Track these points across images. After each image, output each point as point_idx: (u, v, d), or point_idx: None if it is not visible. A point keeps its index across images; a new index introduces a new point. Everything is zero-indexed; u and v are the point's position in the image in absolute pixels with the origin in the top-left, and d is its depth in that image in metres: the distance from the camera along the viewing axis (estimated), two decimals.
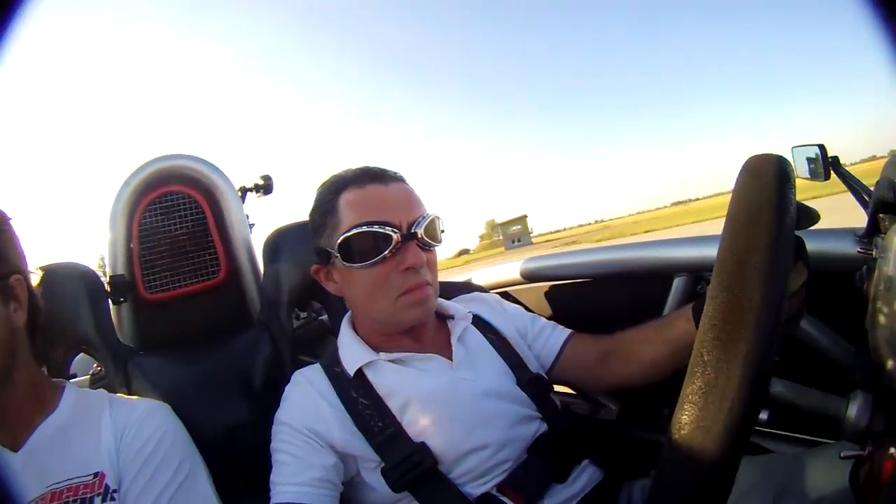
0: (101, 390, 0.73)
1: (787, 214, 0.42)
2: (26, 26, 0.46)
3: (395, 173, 0.74)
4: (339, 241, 0.69)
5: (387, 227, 0.68)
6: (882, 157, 0.74)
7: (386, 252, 0.68)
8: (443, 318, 0.81)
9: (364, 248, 0.68)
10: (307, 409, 0.71)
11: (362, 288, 0.71)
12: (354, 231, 0.68)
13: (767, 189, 0.42)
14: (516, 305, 0.92)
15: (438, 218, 0.74)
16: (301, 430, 0.69)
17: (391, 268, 0.69)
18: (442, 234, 0.75)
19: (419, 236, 0.70)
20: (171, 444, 0.67)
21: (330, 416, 0.70)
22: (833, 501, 0.55)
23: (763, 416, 0.45)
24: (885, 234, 0.50)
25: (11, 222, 0.64)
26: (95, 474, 0.61)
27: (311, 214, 0.76)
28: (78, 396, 0.68)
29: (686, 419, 0.37)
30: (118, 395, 0.73)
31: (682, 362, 0.40)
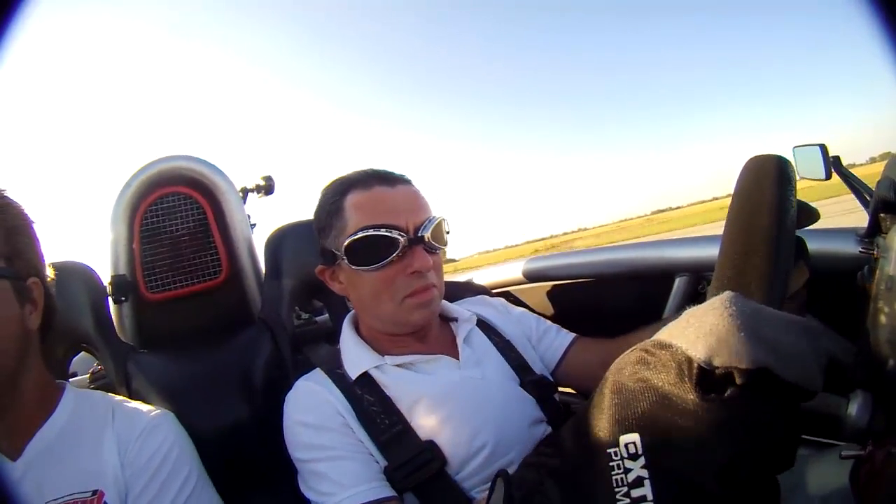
0: (103, 393, 0.72)
1: (787, 214, 0.42)
2: (27, 25, 0.46)
3: (402, 175, 0.74)
4: (345, 243, 0.69)
5: (393, 231, 0.68)
6: (860, 165, 0.74)
7: (392, 256, 0.68)
8: (447, 320, 0.81)
9: (370, 251, 0.68)
10: (316, 403, 0.69)
11: (368, 290, 0.71)
12: (360, 234, 0.68)
13: (768, 189, 0.42)
14: (522, 308, 0.92)
15: (444, 220, 0.74)
16: (324, 425, 0.67)
17: (397, 271, 0.69)
18: (448, 236, 0.75)
19: (426, 240, 0.70)
20: (178, 456, 0.65)
21: (340, 408, 0.68)
22: (839, 501, 0.55)
23: None
24: (887, 233, 0.50)
25: (35, 225, 0.64)
26: (94, 492, 0.59)
27: (316, 215, 0.76)
28: (78, 399, 0.66)
29: None
30: (121, 400, 0.71)
31: None
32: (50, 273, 0.66)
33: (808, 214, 0.49)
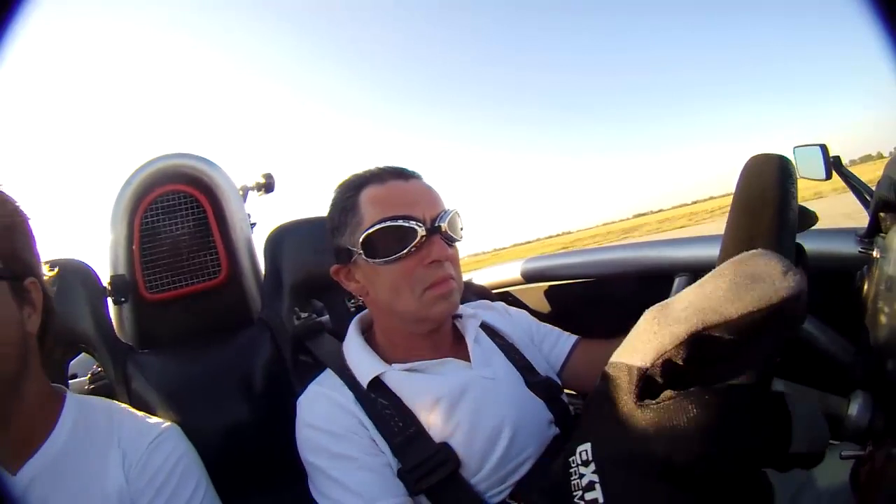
0: (106, 402, 0.70)
1: (789, 209, 0.42)
2: (28, 25, 0.46)
3: (414, 171, 0.74)
4: (361, 237, 0.68)
5: (411, 221, 0.68)
6: (849, 166, 0.75)
7: (411, 246, 0.67)
8: (452, 318, 0.81)
9: (388, 244, 0.68)
10: (332, 409, 0.69)
11: (386, 285, 0.69)
12: (378, 226, 0.67)
13: (769, 185, 0.42)
14: (522, 310, 0.92)
15: (458, 214, 0.74)
16: (342, 433, 0.66)
17: (416, 262, 0.68)
18: (462, 231, 0.74)
19: (443, 230, 0.69)
20: (184, 471, 0.64)
21: (356, 411, 0.68)
22: (840, 502, 0.55)
23: None
24: (886, 233, 0.50)
25: (30, 222, 0.61)
26: None
27: (330, 213, 0.75)
28: (80, 409, 0.64)
29: None
30: (124, 411, 0.68)
31: None
32: (47, 272, 0.63)
33: (807, 218, 0.49)
